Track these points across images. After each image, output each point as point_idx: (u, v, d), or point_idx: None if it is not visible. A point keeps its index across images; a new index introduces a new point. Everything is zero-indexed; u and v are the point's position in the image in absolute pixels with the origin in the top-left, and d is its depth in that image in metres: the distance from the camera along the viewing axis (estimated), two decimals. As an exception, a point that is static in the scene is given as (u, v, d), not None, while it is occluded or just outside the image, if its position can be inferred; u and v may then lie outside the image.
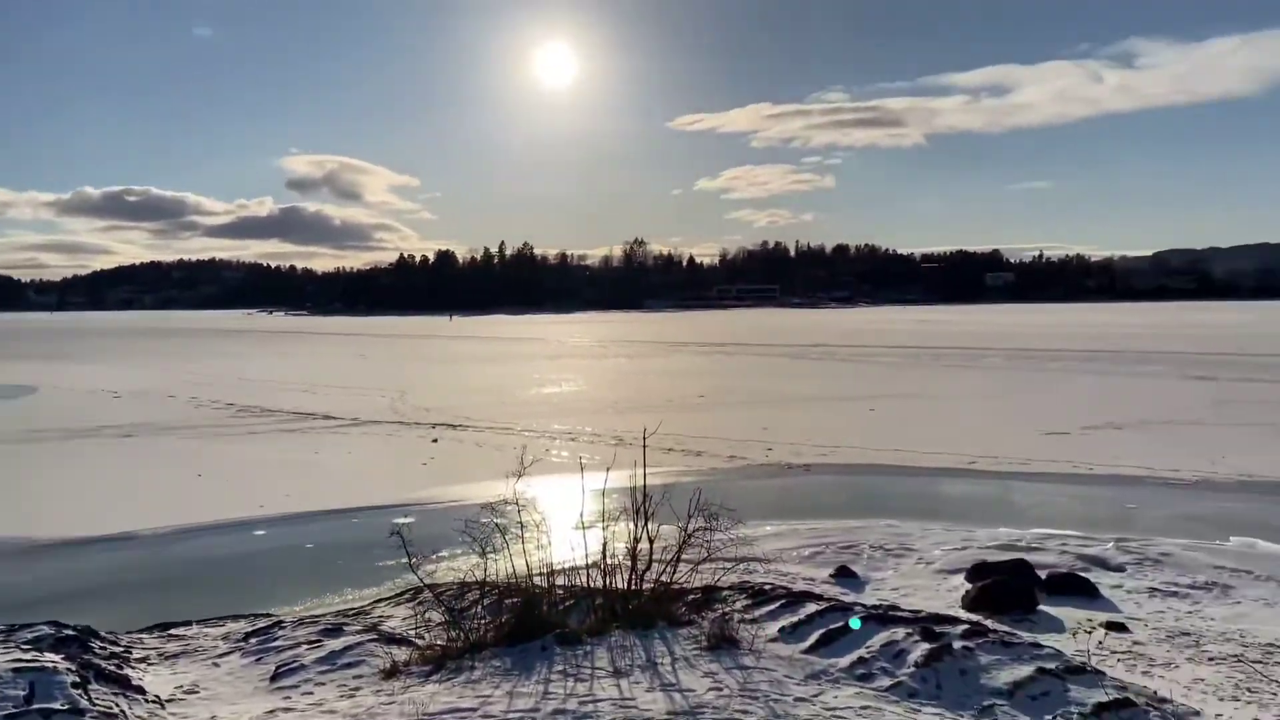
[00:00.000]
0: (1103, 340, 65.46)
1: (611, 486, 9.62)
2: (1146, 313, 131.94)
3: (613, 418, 28.25)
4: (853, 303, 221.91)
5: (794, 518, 16.14)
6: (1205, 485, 18.20)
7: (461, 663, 7.46)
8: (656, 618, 8.16)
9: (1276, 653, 9.20)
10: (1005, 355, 53.62)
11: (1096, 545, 13.73)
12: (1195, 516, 15.89)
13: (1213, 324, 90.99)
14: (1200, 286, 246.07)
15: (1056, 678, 6.85)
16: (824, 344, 67.46)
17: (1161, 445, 22.25)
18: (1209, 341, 61.87)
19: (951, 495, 18.39)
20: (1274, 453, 21.09)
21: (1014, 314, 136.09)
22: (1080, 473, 19.61)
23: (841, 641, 7.44)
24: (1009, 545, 13.80)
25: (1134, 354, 52.01)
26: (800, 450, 22.34)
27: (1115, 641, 9.60)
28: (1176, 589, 11.80)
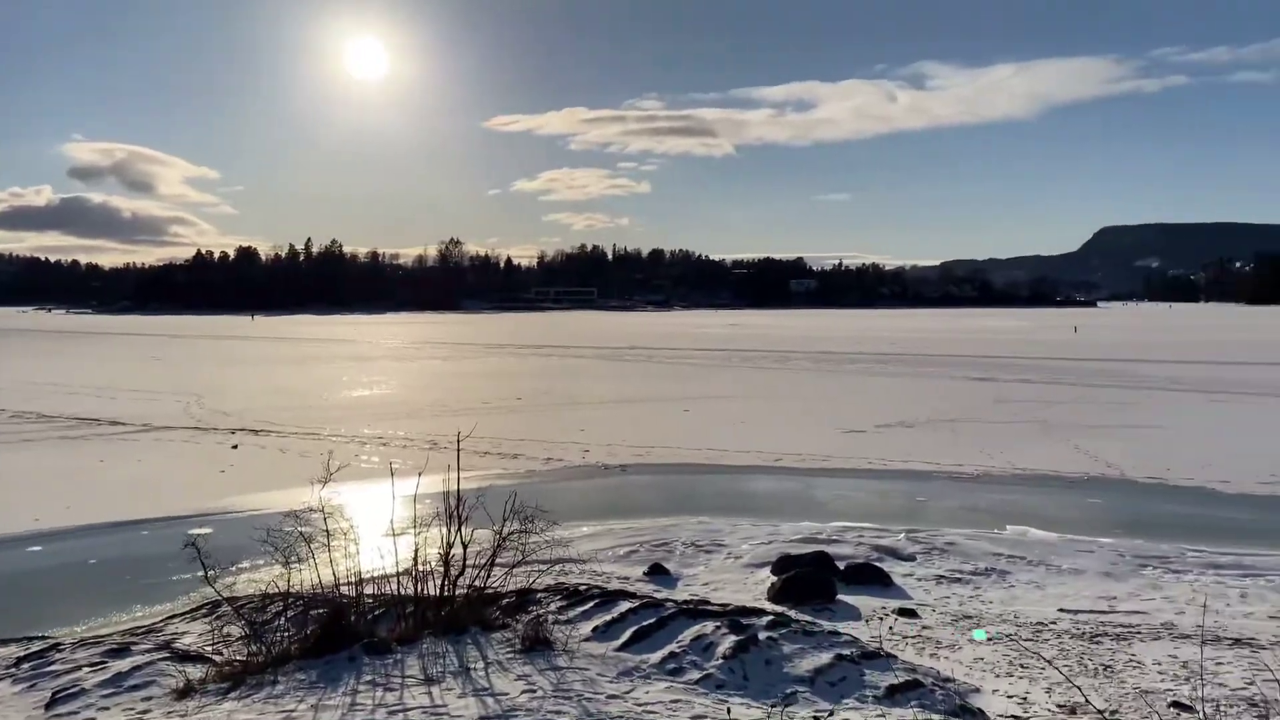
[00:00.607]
0: (896, 344, 69.68)
1: (424, 491, 9.43)
2: (934, 318, 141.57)
3: (426, 421, 27.69)
4: (668, 306, 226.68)
5: (610, 518, 16.33)
6: (985, 478, 19.69)
7: (263, 678, 7.13)
8: (470, 623, 8.07)
9: (1044, 630, 10.08)
10: (810, 358, 56.15)
11: (890, 536, 14.59)
12: (976, 508, 17.16)
13: (992, 329, 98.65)
14: (981, 294, 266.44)
15: (853, 663, 7.25)
16: (640, 346, 68.58)
17: (947, 442, 23.90)
18: (989, 345, 67.02)
19: (759, 492, 19.09)
20: (1043, 447, 23.04)
21: (817, 318, 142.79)
22: (876, 468, 20.78)
23: (654, 637, 7.60)
24: (811, 538, 14.46)
25: (923, 357, 55.62)
26: (616, 451, 22.61)
27: (906, 626, 10.24)
28: (960, 575, 12.71)
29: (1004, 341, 73.49)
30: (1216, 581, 12.37)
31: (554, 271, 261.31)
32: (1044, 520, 15.95)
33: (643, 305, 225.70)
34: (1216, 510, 16.99)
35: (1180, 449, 22.56)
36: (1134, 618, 10.64)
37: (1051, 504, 17.49)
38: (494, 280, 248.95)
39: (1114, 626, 10.28)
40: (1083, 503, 17.70)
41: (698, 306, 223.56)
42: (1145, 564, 13.21)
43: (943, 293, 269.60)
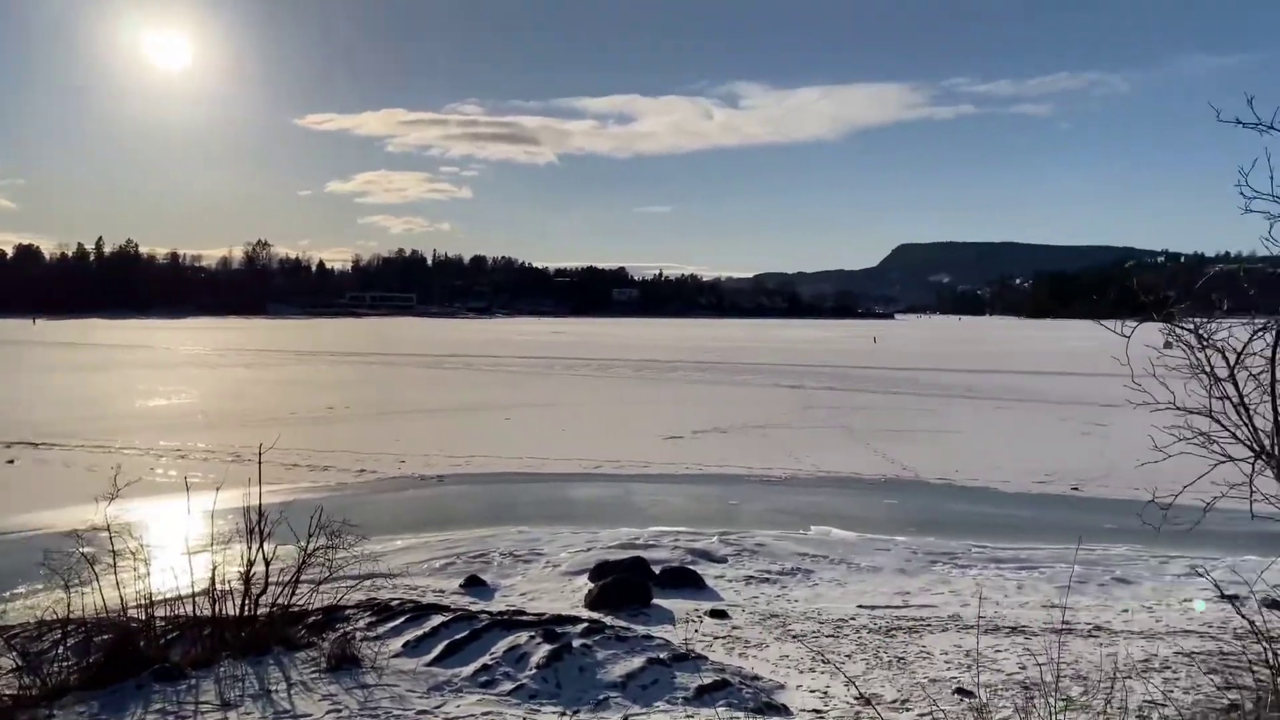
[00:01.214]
0: (713, 352, 71.68)
1: (224, 507, 8.96)
2: (748, 328, 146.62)
3: (229, 432, 26.27)
4: (490, 313, 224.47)
5: (426, 530, 15.99)
6: (792, 481, 20.54)
7: (36, 713, 6.57)
8: (273, 643, 7.73)
9: (845, 626, 10.60)
10: (631, 366, 56.93)
11: (704, 539, 14.97)
12: (785, 509, 17.86)
13: (801, 339, 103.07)
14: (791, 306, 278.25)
15: (664, 666, 7.40)
16: (461, 354, 67.56)
17: (759, 447, 24.78)
18: (798, 354, 69.99)
19: (579, 499, 19.18)
20: (846, 451, 24.26)
21: (639, 327, 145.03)
22: (692, 473, 21.29)
23: (466, 650, 7.50)
24: (629, 544, 14.66)
25: (738, 365, 57.49)
26: (433, 461, 22.18)
27: (717, 627, 10.54)
28: (769, 575, 13.20)
29: (811, 351, 76.96)
30: (997, 574, 13.38)
31: (370, 276, 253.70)
32: (846, 520, 16.79)
33: (464, 312, 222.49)
34: (998, 508, 18.37)
35: (968, 452, 24.26)
36: (925, 611, 11.36)
37: (853, 505, 18.43)
38: (305, 284, 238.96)
39: (907, 620, 10.93)
40: (881, 503, 18.74)
41: (520, 314, 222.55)
42: (936, 560, 14.12)
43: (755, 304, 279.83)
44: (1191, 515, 5.19)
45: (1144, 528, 4.34)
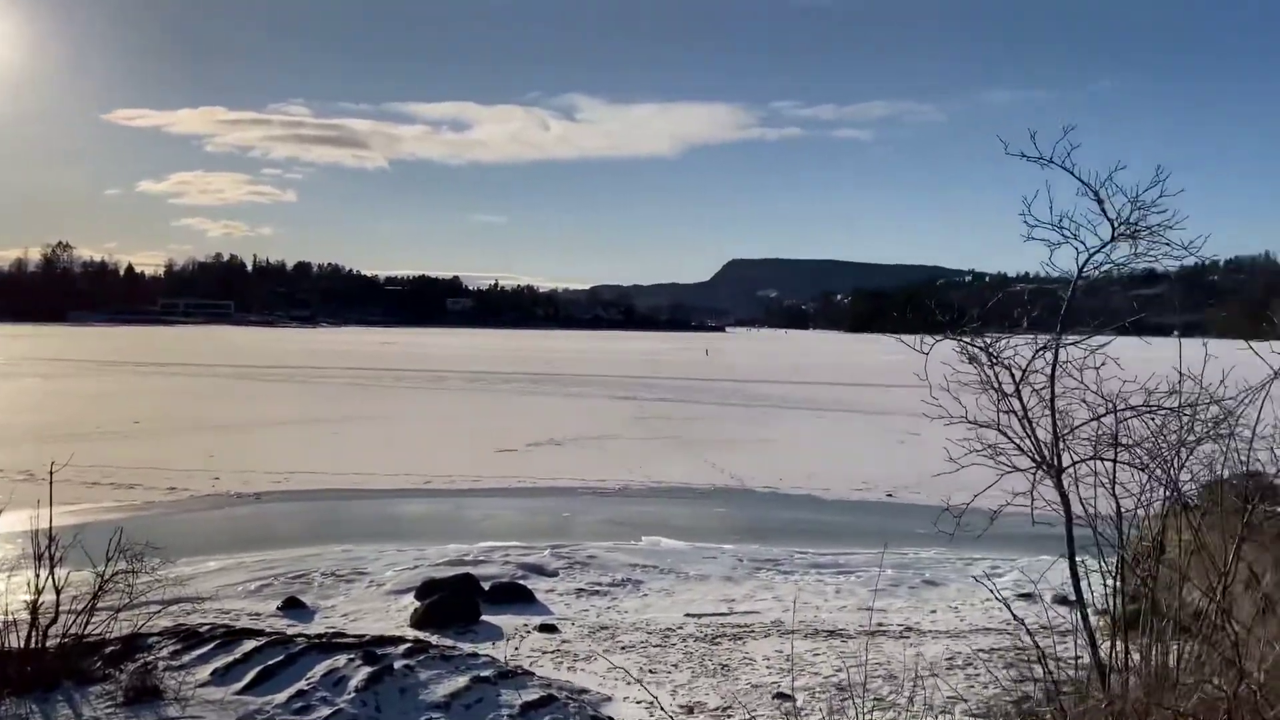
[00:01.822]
0: (548, 364, 71.58)
1: (10, 530, 8.24)
2: (584, 339, 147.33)
3: (20, 449, 24.21)
4: (315, 322, 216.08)
5: (241, 550, 15.18)
6: (625, 492, 20.72)
7: None
8: (62, 677, 7.15)
9: (672, 635, 10.76)
10: (464, 377, 56.09)
11: (535, 553, 14.87)
12: (617, 520, 17.99)
13: (636, 350, 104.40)
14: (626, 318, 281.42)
15: (490, 684, 7.30)
16: (283, 365, 64.76)
17: (592, 458, 24.88)
18: (632, 366, 70.83)
19: (407, 515, 18.71)
20: (677, 461, 24.68)
21: (473, 337, 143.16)
22: (525, 487, 21.15)
23: (280, 676, 7.17)
24: (457, 560, 14.39)
25: (573, 377, 57.62)
26: (251, 478, 21.13)
27: (546, 642, 10.49)
28: (599, 588, 13.24)
29: (646, 362, 78.05)
30: (817, 579, 13.90)
31: (185, 282, 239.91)
32: (676, 530, 17.05)
33: (287, 321, 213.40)
34: (819, 515, 19.11)
35: (792, 461, 25.13)
36: (749, 617, 11.67)
37: (683, 514, 18.77)
38: (112, 290, 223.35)
39: (732, 627, 11.20)
40: (710, 512, 19.16)
41: (348, 323, 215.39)
42: (760, 567, 14.54)
43: (592, 315, 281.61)
44: (991, 522, 5.54)
45: (961, 529, 4.58)
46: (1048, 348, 3.97)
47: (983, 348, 4.13)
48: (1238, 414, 3.94)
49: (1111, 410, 3.93)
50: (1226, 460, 4.08)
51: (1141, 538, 4.14)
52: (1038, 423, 3.99)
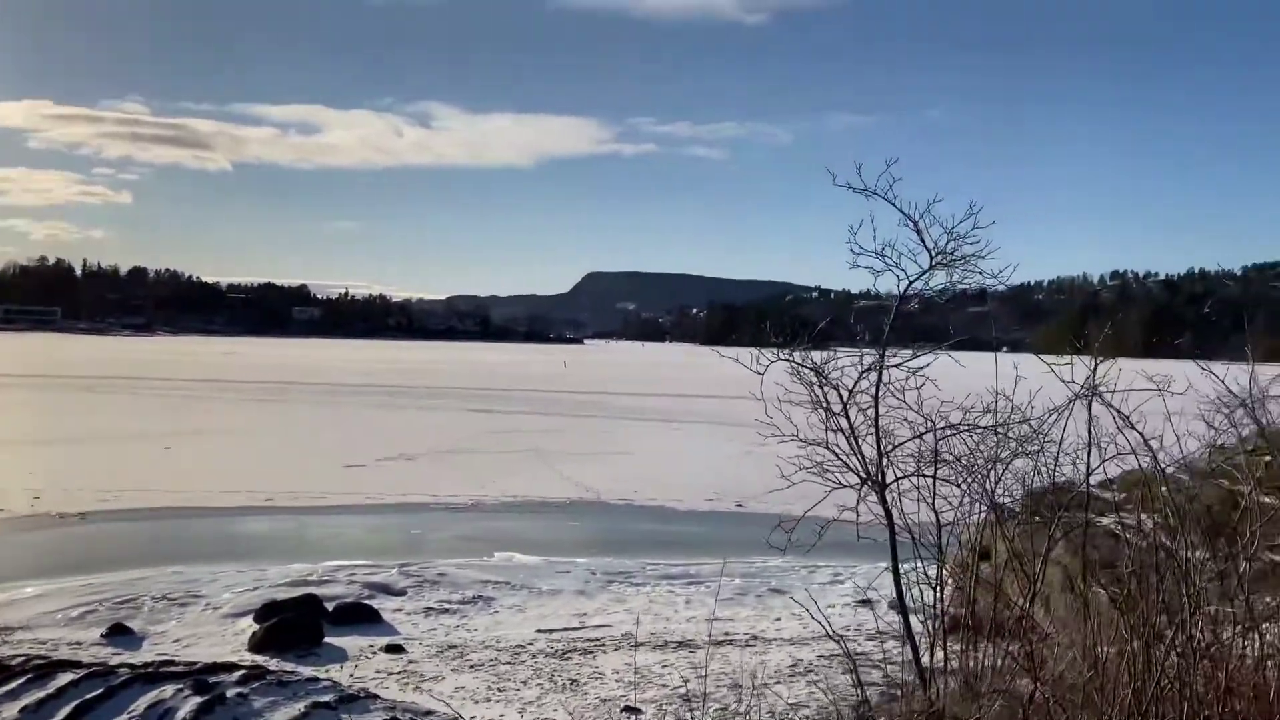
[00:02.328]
0: (401, 376, 70.01)
1: None
2: (439, 351, 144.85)
3: None
4: (151, 331, 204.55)
5: (63, 575, 14.20)
6: (478, 507, 20.46)
7: None
8: None
9: (522, 653, 10.69)
10: (311, 390, 54.21)
11: (383, 572, 14.50)
12: (469, 536, 17.74)
13: (492, 363, 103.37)
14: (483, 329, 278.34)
15: (330, 709, 7.07)
16: (115, 375, 60.98)
17: (445, 473, 24.47)
18: (488, 378, 70.08)
19: (247, 534, 17.92)
20: (533, 475, 24.55)
21: (321, 348, 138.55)
22: (374, 503, 20.60)
23: (99, 711, 6.74)
24: (300, 581, 13.88)
25: (426, 389, 56.55)
26: (77, 497, 19.79)
27: (392, 663, 10.24)
28: (449, 606, 13.02)
29: (502, 374, 77.38)
30: (668, 591, 14.08)
31: (5, 287, 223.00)
32: (530, 545, 16.95)
33: (119, 329, 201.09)
34: (672, 526, 19.38)
35: (646, 473, 25.39)
36: (600, 631, 11.72)
37: (537, 529, 18.67)
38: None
39: (583, 641, 11.22)
40: (564, 526, 19.14)
41: (187, 332, 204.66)
42: (613, 580, 14.62)
43: (447, 326, 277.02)
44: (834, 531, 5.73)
45: (794, 541, 4.73)
46: (873, 369, 4.18)
47: (813, 369, 4.31)
48: (1045, 431, 4.25)
49: (931, 429, 4.17)
50: (1036, 474, 4.38)
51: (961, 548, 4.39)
52: (864, 440, 4.19)
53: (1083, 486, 4.74)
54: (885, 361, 4.15)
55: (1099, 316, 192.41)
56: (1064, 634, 4.02)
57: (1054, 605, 5.89)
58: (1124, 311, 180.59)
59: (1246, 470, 4.53)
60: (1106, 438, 4.45)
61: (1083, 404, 4.15)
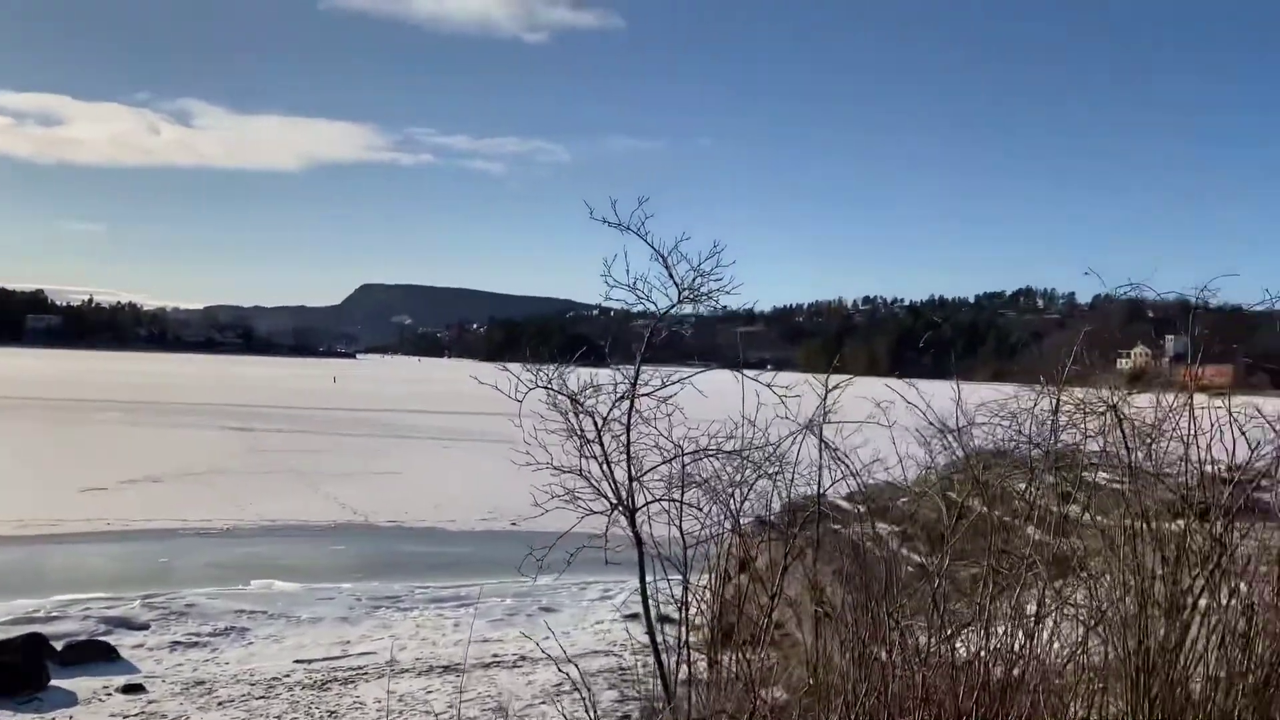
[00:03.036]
0: (152, 391, 64.94)
1: None
2: (195, 364, 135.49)
3: None
4: None
5: None
6: (234, 532, 19.32)
7: None
8: None
9: (278, 686, 10.20)
10: (45, 406, 49.29)
11: (123, 605, 13.42)
12: (223, 564, 16.71)
13: (254, 378, 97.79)
14: (246, 342, 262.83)
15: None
16: None
17: (197, 496, 22.92)
18: (249, 394, 66.24)
19: (-40, 569, 16.07)
20: (296, 497, 23.46)
21: (60, 360, 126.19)
22: (115, 530, 19.01)
23: None
24: (25, 618, 12.60)
25: (180, 405, 52.76)
26: None
27: (129, 704, 9.51)
28: (198, 639, 12.22)
29: (265, 390, 73.33)
30: (438, 614, 13.86)
31: None
32: (290, 571, 16.20)
33: None
34: (444, 548, 19.07)
35: (419, 493, 24.85)
36: (364, 659, 11.37)
37: (299, 554, 17.86)
38: None
39: (345, 670, 10.85)
40: (329, 550, 18.41)
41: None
42: (379, 605, 14.22)
43: (206, 338, 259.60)
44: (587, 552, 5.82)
45: (545, 565, 4.80)
46: (625, 397, 4.35)
47: (570, 397, 4.44)
48: (783, 454, 4.57)
49: (680, 454, 4.39)
50: (776, 493, 4.70)
51: (712, 567, 4.64)
52: (618, 465, 4.36)
53: (828, 500, 5.12)
54: (638, 389, 4.34)
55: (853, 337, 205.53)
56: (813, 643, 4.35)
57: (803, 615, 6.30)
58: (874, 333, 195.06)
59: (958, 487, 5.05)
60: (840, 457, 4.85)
61: (816, 428, 4.51)
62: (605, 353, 5.11)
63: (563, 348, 5.86)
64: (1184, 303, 5.35)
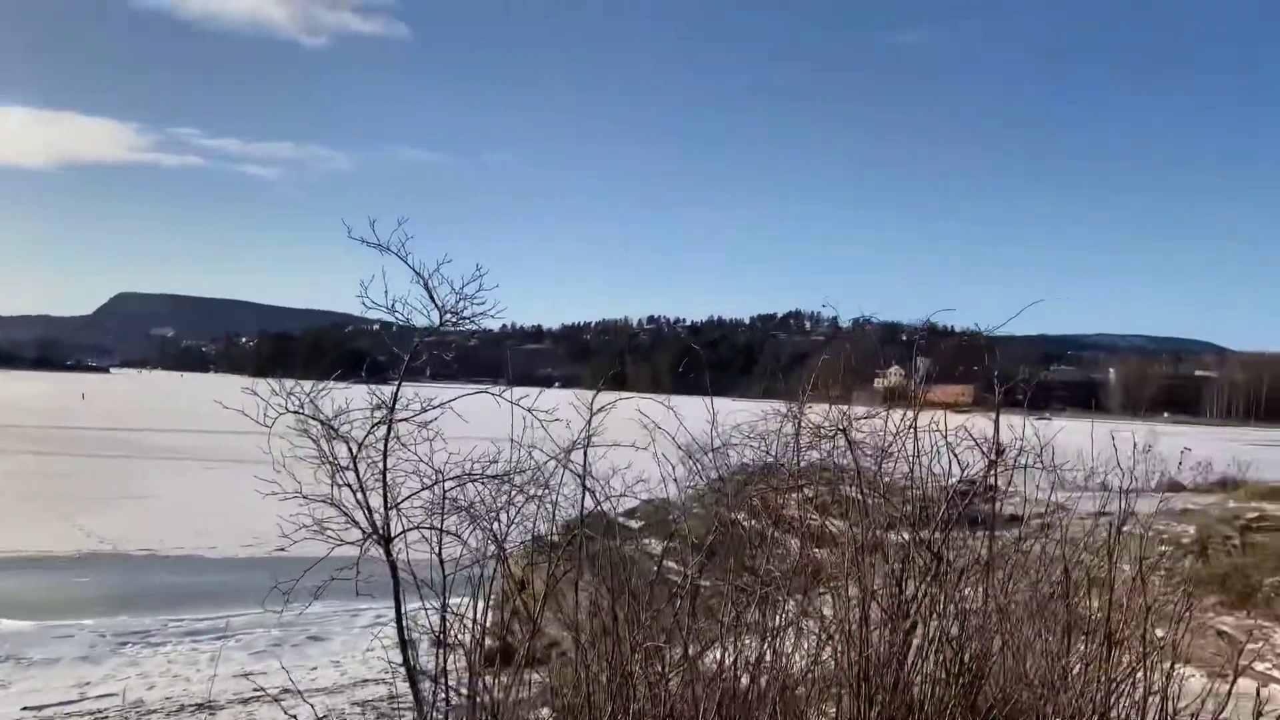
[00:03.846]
0: None
1: None
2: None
3: None
4: None
5: None
6: (-45, 568, 17.32)
7: None
8: None
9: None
10: None
11: None
12: (-61, 604, 14.95)
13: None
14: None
15: None
16: None
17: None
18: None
19: None
20: (34, 526, 21.27)
21: None
22: None
23: None
24: None
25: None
26: None
27: None
28: (-96, 690, 10.87)
29: (1, 408, 66.26)
30: (192, 648, 12.99)
31: None
32: (22, 608, 14.72)
33: None
34: (203, 576, 17.88)
35: (177, 518, 23.21)
36: (104, 701, 10.49)
37: (34, 588, 16.28)
38: None
39: (83, 715, 9.96)
40: (70, 584, 16.86)
41: None
42: (126, 641, 13.17)
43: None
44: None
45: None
46: (383, 422, 4.26)
47: (324, 422, 4.28)
48: (548, 476, 4.61)
49: (441, 480, 4.34)
50: (541, 515, 4.73)
51: (476, 591, 4.60)
52: (374, 491, 4.24)
53: (599, 518, 5.20)
54: (396, 414, 4.25)
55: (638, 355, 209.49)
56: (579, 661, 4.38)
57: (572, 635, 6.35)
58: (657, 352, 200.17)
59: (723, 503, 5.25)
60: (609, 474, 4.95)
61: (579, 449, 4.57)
62: (384, 368, 4.97)
63: (339, 362, 5.64)
64: (932, 327, 5.83)
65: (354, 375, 5.12)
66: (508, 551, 4.59)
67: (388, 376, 4.71)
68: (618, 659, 3.81)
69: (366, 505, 4.16)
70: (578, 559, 4.57)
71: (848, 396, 4.97)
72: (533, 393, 4.56)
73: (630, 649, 4.01)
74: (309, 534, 3.98)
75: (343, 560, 4.82)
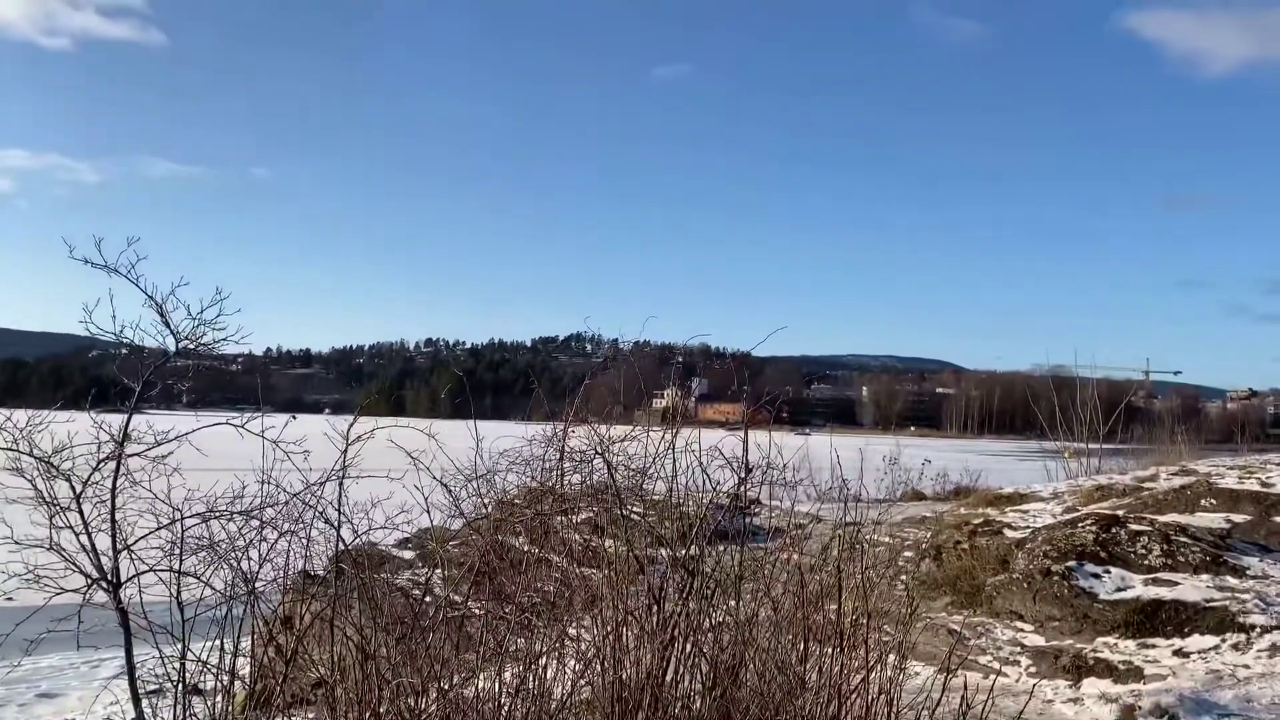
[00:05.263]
0: None
1: None
2: None
3: None
4: None
5: None
6: None
7: None
8: None
9: None
10: None
11: None
12: None
13: None
14: None
15: None
16: None
17: None
18: None
19: None
20: None
21: None
22: None
23: None
24: None
25: None
26: None
27: None
28: None
29: None
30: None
31: None
32: None
33: None
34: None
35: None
36: None
37: None
38: None
39: None
40: None
41: None
42: None
43: None
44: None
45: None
46: (111, 458, 3.92)
47: (41, 458, 3.91)
48: (300, 512, 4.40)
49: (180, 517, 4.04)
50: (295, 551, 4.51)
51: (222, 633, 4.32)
52: (101, 531, 3.89)
53: (374, 549, 5.01)
54: (125, 449, 3.92)
55: (415, 379, 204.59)
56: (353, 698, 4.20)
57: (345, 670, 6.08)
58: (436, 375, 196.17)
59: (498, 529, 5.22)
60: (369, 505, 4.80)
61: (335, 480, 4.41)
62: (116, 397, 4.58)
63: (83, 390, 5.17)
64: (705, 349, 6.05)
65: (80, 405, 4.71)
66: (263, 591, 4.35)
67: (122, 406, 4.35)
68: (368, 697, 3.69)
69: (92, 548, 3.82)
70: (337, 593, 4.38)
71: (629, 417, 5.07)
72: (280, 422, 4.35)
73: (379, 686, 3.90)
74: (21, 583, 3.59)
75: (70, 609, 4.39)
